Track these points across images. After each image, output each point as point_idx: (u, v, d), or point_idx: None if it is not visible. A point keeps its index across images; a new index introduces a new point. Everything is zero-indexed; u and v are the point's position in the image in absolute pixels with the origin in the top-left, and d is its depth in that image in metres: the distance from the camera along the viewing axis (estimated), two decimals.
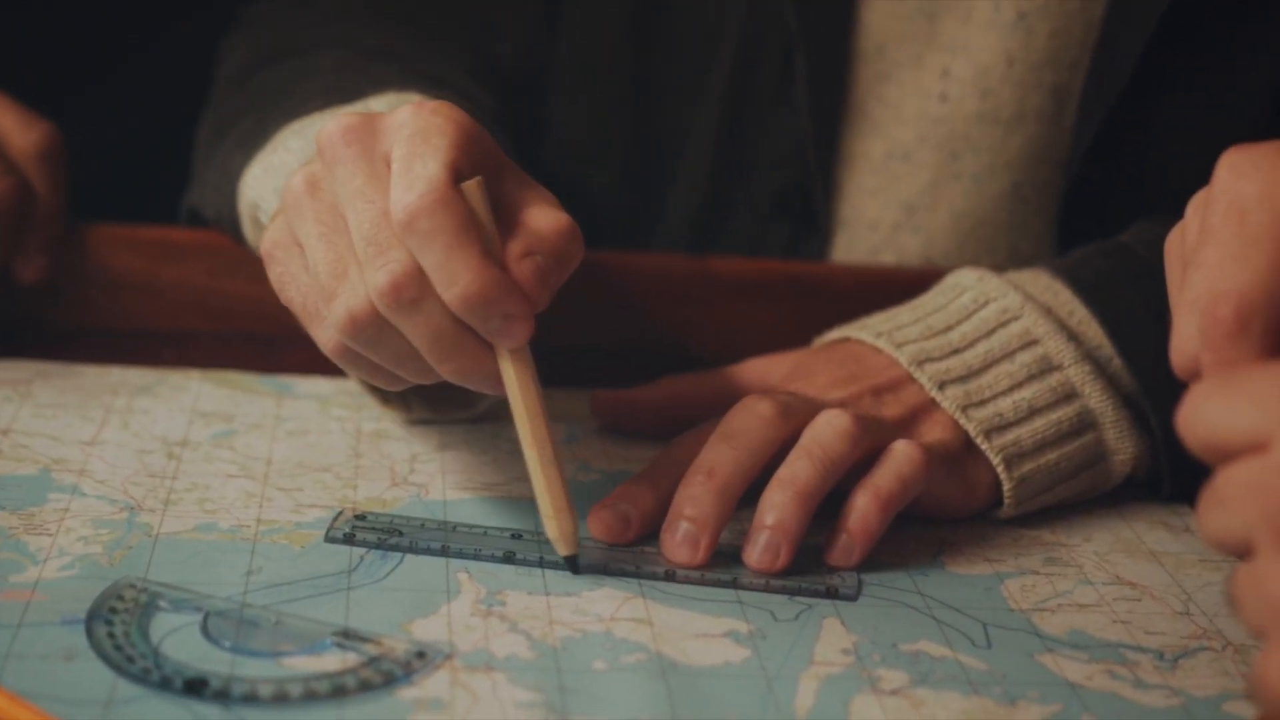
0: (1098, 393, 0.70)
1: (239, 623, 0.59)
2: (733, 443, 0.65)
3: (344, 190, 0.60)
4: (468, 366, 0.61)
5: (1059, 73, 0.84)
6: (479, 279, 0.59)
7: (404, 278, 0.59)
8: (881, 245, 0.88)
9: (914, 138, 0.86)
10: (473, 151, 0.60)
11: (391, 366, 0.62)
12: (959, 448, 0.69)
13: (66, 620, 0.58)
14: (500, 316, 0.60)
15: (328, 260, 0.61)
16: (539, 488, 0.63)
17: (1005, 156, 0.85)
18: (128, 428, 0.73)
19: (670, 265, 0.86)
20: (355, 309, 0.60)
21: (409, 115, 0.61)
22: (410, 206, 0.58)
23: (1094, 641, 0.61)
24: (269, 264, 0.64)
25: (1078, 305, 0.72)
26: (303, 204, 0.62)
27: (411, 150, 0.59)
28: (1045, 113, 0.84)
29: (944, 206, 0.86)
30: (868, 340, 0.72)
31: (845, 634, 0.61)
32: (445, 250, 0.58)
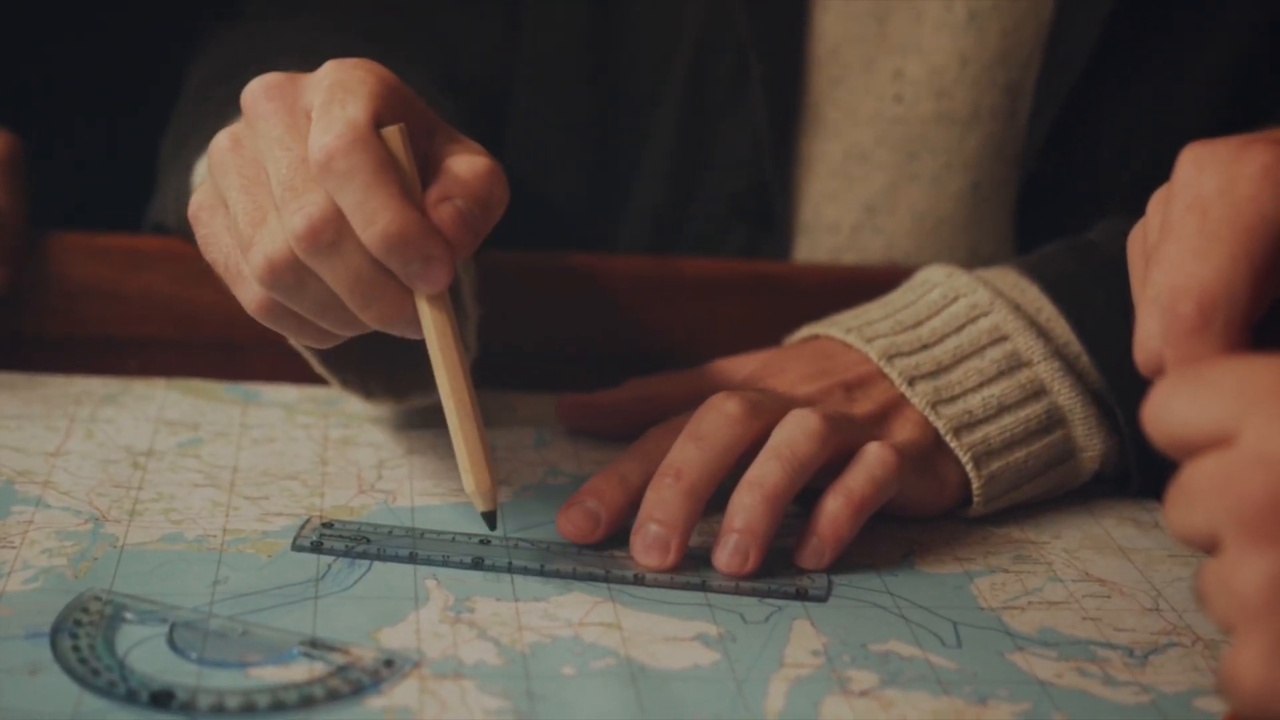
0: (1066, 389, 0.70)
1: (205, 634, 0.58)
2: (700, 443, 0.65)
3: (264, 140, 0.60)
4: (388, 312, 0.60)
5: (1011, 71, 0.84)
6: (398, 218, 0.58)
7: (321, 220, 0.58)
8: (843, 247, 0.88)
9: (871, 139, 0.86)
10: (394, 103, 0.60)
11: (314, 317, 0.61)
12: (929, 446, 0.69)
13: (30, 634, 0.57)
14: (420, 258, 0.59)
15: (247, 210, 0.60)
16: (456, 440, 0.62)
17: (963, 156, 0.86)
18: (92, 438, 0.72)
19: (637, 266, 0.86)
20: (273, 255, 0.59)
21: (330, 68, 0.61)
22: (328, 146, 0.58)
23: (1064, 639, 0.61)
24: (195, 226, 0.64)
25: (1045, 302, 0.72)
26: (226, 160, 0.61)
27: (331, 97, 0.59)
28: (1000, 111, 0.85)
29: (904, 207, 0.87)
30: (837, 336, 0.72)
31: (815, 635, 0.61)
32: (364, 189, 0.58)
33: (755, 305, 0.86)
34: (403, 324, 0.61)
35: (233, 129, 0.63)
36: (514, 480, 0.72)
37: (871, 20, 0.84)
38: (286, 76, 0.62)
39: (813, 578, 0.64)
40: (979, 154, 0.86)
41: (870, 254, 0.88)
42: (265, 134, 0.60)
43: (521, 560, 0.64)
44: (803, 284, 0.86)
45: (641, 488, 0.66)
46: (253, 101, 0.61)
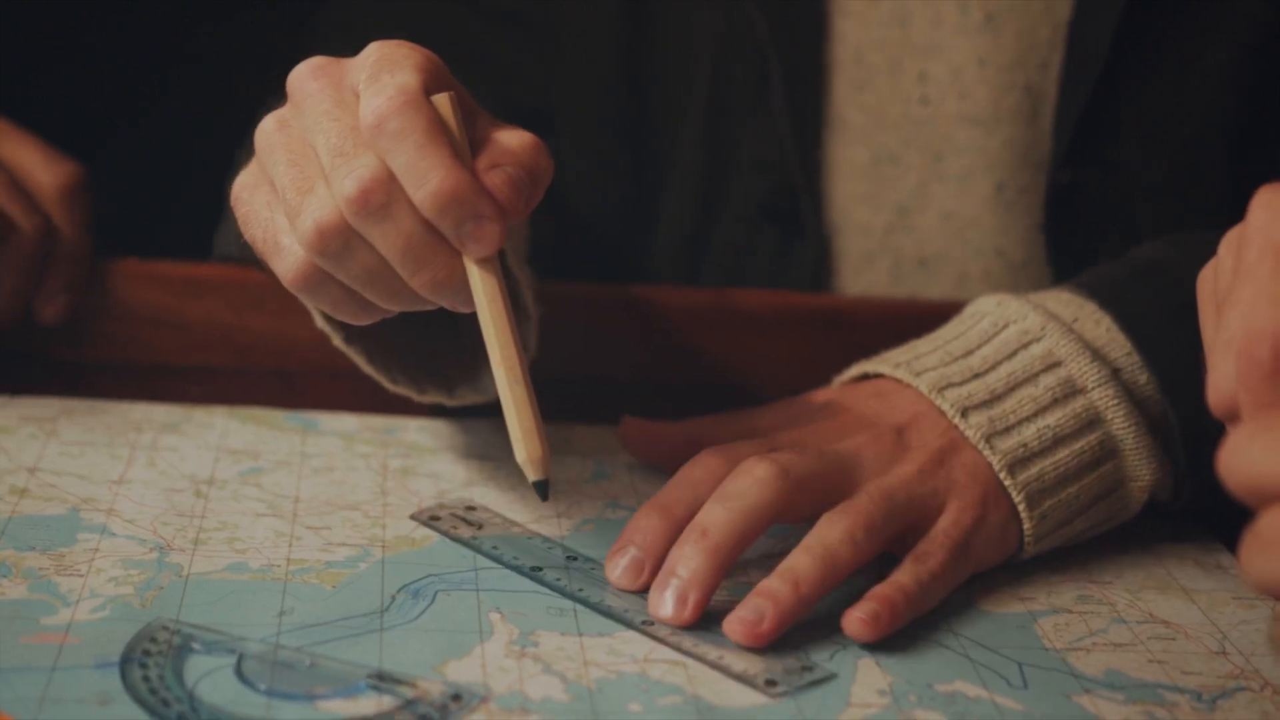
0: (1120, 418, 0.69)
1: (273, 665, 0.58)
2: (729, 504, 0.64)
3: (311, 116, 0.61)
4: (440, 275, 0.60)
5: (1030, 73, 0.85)
6: (450, 177, 0.59)
7: (373, 182, 0.58)
8: (876, 249, 0.89)
9: (899, 141, 0.87)
10: (439, 75, 0.61)
11: (360, 286, 0.61)
12: (985, 490, 0.67)
13: (100, 663, 0.57)
14: (472, 217, 0.59)
15: (294, 181, 0.60)
16: (507, 408, 0.61)
17: (986, 157, 0.87)
18: (155, 465, 0.73)
19: (692, 298, 0.86)
20: (323, 220, 0.59)
21: (375, 47, 0.62)
22: (379, 108, 0.58)
23: (1131, 682, 0.61)
24: (236, 207, 0.64)
25: (1102, 315, 0.71)
26: (273, 140, 0.62)
27: (379, 68, 0.60)
28: (1021, 113, 0.86)
29: (933, 207, 0.88)
30: (886, 372, 0.72)
31: (880, 675, 0.60)
32: (416, 149, 0.58)
33: (809, 337, 0.86)
34: (452, 291, 0.61)
35: (278, 112, 0.63)
36: (573, 514, 0.72)
37: (893, 24, 0.85)
38: (331, 59, 0.62)
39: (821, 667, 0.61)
40: (1002, 156, 0.86)
41: (904, 254, 0.89)
42: (312, 110, 0.61)
43: (578, 587, 0.64)
44: (858, 317, 0.86)
45: (685, 520, 0.65)
46: (299, 81, 0.62)
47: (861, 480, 0.67)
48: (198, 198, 0.87)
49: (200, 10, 1.01)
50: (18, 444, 0.73)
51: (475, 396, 0.74)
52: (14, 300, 0.78)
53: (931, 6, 0.85)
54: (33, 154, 0.78)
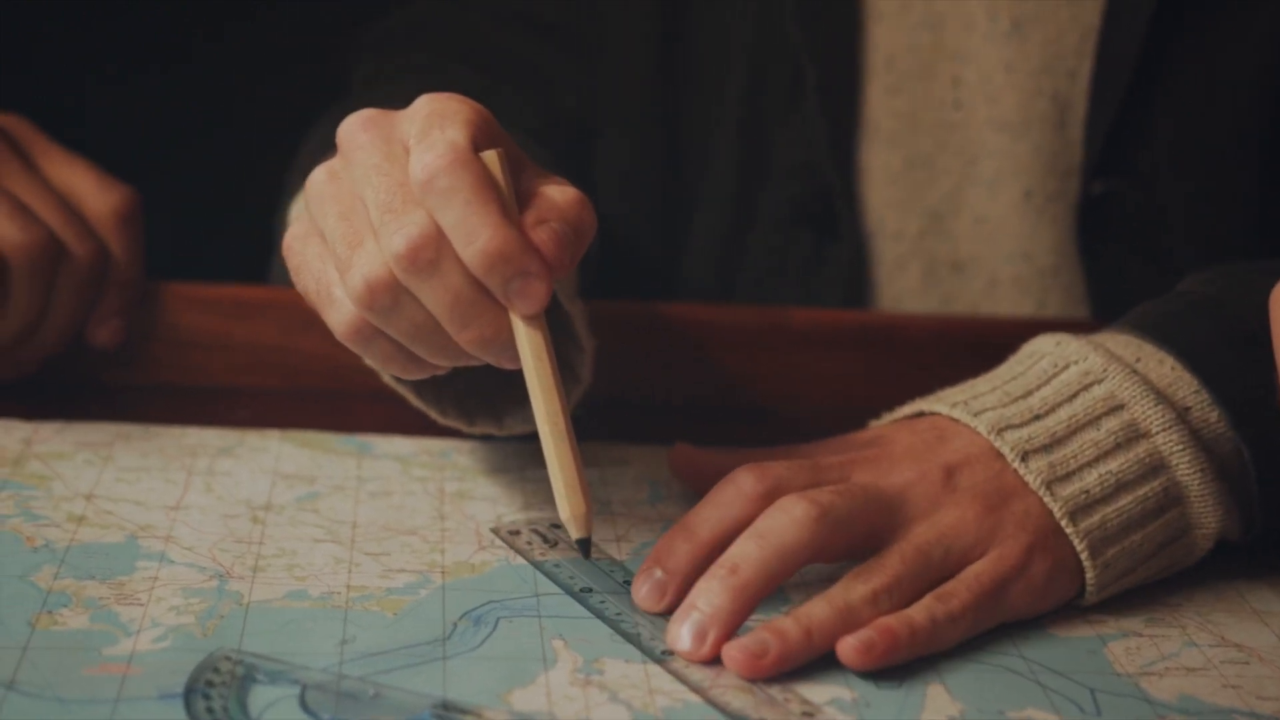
0: (1186, 463, 0.66)
1: (337, 695, 0.58)
2: (762, 542, 0.63)
3: (360, 170, 0.61)
4: (486, 333, 0.60)
5: (1057, 80, 0.85)
6: (498, 235, 0.59)
7: (421, 239, 0.59)
8: (908, 254, 0.88)
9: (932, 146, 0.87)
10: (488, 130, 0.61)
11: (408, 341, 0.61)
12: (1044, 538, 0.65)
13: (164, 695, 0.57)
14: (519, 275, 0.59)
15: (344, 235, 0.61)
16: (551, 464, 0.61)
17: (1015, 163, 0.86)
18: (211, 491, 0.72)
19: (744, 316, 0.86)
20: (371, 275, 0.60)
21: (425, 100, 0.62)
22: (430, 165, 0.59)
23: (1206, 708, 0.60)
24: (288, 256, 0.64)
25: (1164, 354, 0.68)
26: (323, 192, 0.62)
27: (429, 123, 0.60)
28: (1049, 120, 0.86)
29: (966, 212, 0.88)
30: (943, 412, 0.69)
31: (950, 701, 0.60)
32: (465, 207, 0.59)
33: (861, 355, 0.85)
34: (498, 348, 0.61)
35: (329, 163, 0.63)
36: (632, 536, 0.71)
37: (925, 29, 0.86)
38: (381, 111, 0.63)
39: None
40: (1029, 162, 0.86)
41: (935, 259, 0.89)
42: (362, 163, 0.61)
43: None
44: (910, 334, 0.86)
45: (710, 541, 0.64)
46: (349, 134, 0.62)
47: (905, 522, 0.65)
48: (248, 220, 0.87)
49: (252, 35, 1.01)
50: (74, 470, 0.73)
51: (524, 426, 0.74)
52: (69, 325, 0.78)
53: (963, 11, 0.85)
54: (86, 178, 0.78)
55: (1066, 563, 0.65)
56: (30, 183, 0.77)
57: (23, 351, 0.78)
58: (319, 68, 0.94)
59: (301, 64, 0.94)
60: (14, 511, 0.69)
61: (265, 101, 1.00)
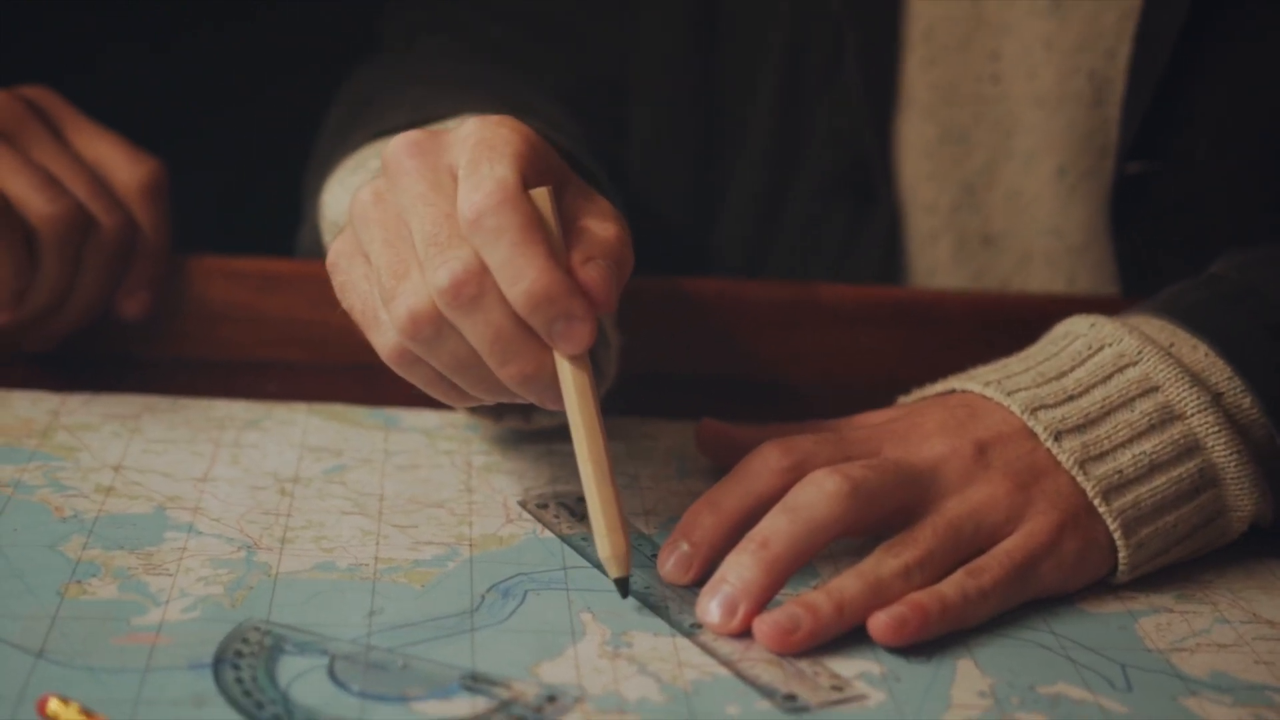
0: (1221, 446, 0.66)
1: (366, 666, 0.58)
2: (793, 516, 0.63)
3: (407, 197, 0.61)
4: (529, 369, 0.60)
5: (1095, 59, 0.84)
6: (545, 276, 0.59)
7: (465, 274, 0.59)
8: (941, 227, 0.88)
9: (969, 119, 0.87)
10: (537, 162, 0.61)
11: (450, 372, 0.61)
12: (1075, 515, 0.64)
13: (193, 665, 0.57)
14: (564, 316, 0.59)
15: (390, 263, 0.61)
16: (592, 504, 0.62)
17: (1049, 139, 0.86)
18: (238, 463, 0.72)
19: (774, 291, 0.85)
20: (415, 308, 0.60)
21: (474, 127, 0.61)
22: (478, 204, 0.58)
23: (1238, 684, 0.60)
24: (332, 273, 0.64)
25: (1197, 341, 0.68)
26: (369, 214, 0.62)
27: (478, 156, 0.60)
28: (1084, 98, 0.85)
29: (1000, 186, 0.87)
30: (976, 390, 0.68)
31: (981, 676, 0.59)
32: (512, 247, 0.58)
33: (893, 331, 0.85)
34: (540, 386, 0.61)
35: (375, 184, 0.63)
36: (660, 510, 0.71)
37: (965, 2, 0.85)
38: (428, 133, 0.62)
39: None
40: (1064, 139, 0.86)
41: (967, 232, 0.88)
42: (408, 190, 0.61)
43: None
44: (942, 310, 0.85)
45: (736, 514, 0.64)
46: (395, 158, 0.62)
47: (936, 497, 0.65)
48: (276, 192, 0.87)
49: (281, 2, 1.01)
50: (102, 442, 0.73)
51: (552, 421, 0.74)
52: (96, 297, 0.78)
53: None
54: (114, 150, 0.78)
55: (1098, 541, 0.65)
56: (59, 155, 0.77)
57: (51, 323, 0.78)
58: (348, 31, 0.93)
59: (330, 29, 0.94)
60: (42, 482, 0.69)
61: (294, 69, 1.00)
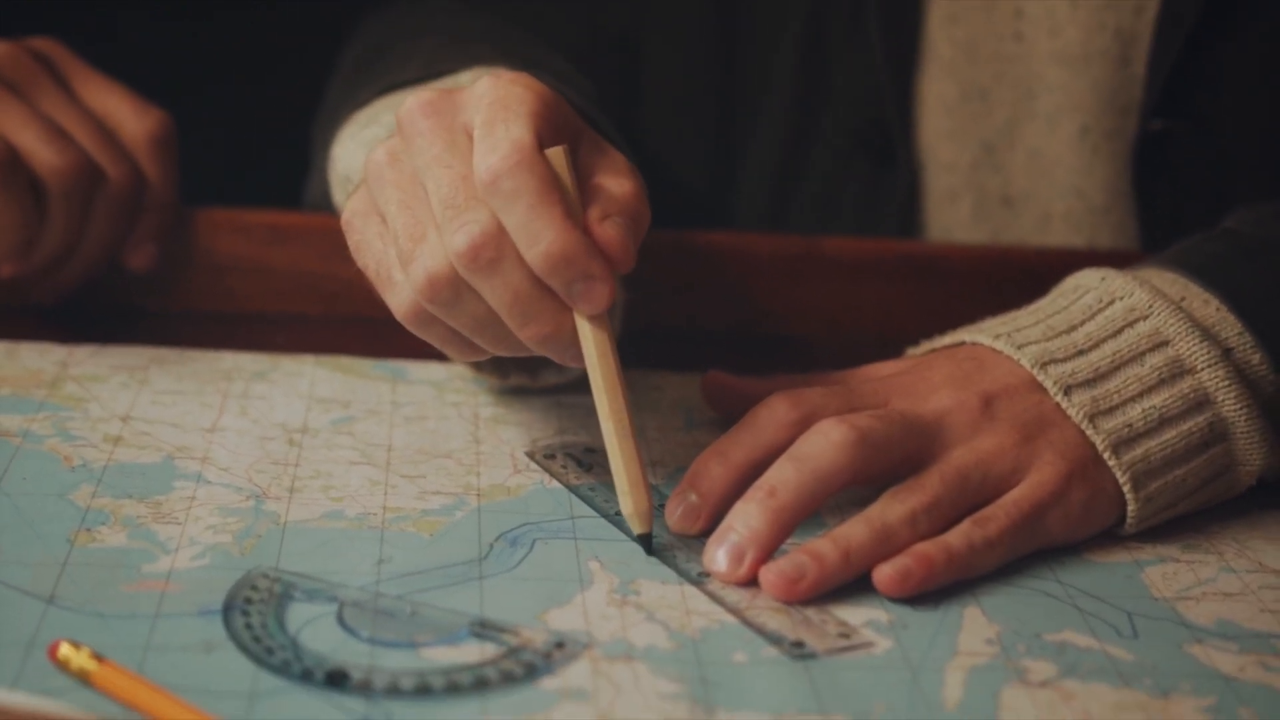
0: (1231, 400, 0.66)
1: (375, 613, 0.58)
2: (800, 465, 0.62)
3: (423, 159, 0.60)
4: (548, 329, 0.60)
5: (1121, 16, 0.84)
6: (563, 237, 0.58)
7: (483, 238, 0.59)
8: (960, 186, 0.88)
9: (990, 77, 0.86)
10: (553, 120, 0.60)
11: (469, 332, 0.62)
12: (1083, 466, 0.64)
13: (203, 611, 0.57)
14: (583, 277, 0.59)
15: (406, 225, 0.61)
16: (615, 462, 0.62)
17: (1074, 98, 0.85)
18: (246, 414, 0.73)
19: (781, 245, 0.85)
20: (434, 270, 0.60)
21: (488, 85, 0.61)
22: (494, 167, 0.58)
23: (1244, 632, 0.60)
24: (347, 232, 0.64)
25: (1209, 295, 0.68)
26: (384, 174, 0.62)
27: (493, 116, 0.60)
28: (1110, 56, 0.84)
29: (1021, 145, 0.87)
30: (985, 343, 0.68)
31: (987, 624, 0.60)
32: (529, 209, 0.58)
33: (901, 285, 0.85)
34: (560, 345, 0.61)
35: (389, 144, 0.63)
36: (668, 461, 0.71)
37: None
38: (441, 93, 0.62)
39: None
40: (1089, 98, 0.85)
41: (987, 192, 0.88)
42: (424, 151, 0.61)
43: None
44: (950, 264, 0.85)
45: (744, 465, 0.64)
46: (410, 119, 0.61)
47: (943, 448, 0.65)
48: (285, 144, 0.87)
49: None
50: (110, 393, 0.73)
51: (559, 378, 0.74)
52: (104, 249, 0.78)
53: None
54: (121, 102, 0.78)
55: (1105, 491, 0.65)
56: (66, 106, 0.77)
57: (59, 275, 0.78)
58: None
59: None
60: (51, 432, 0.69)
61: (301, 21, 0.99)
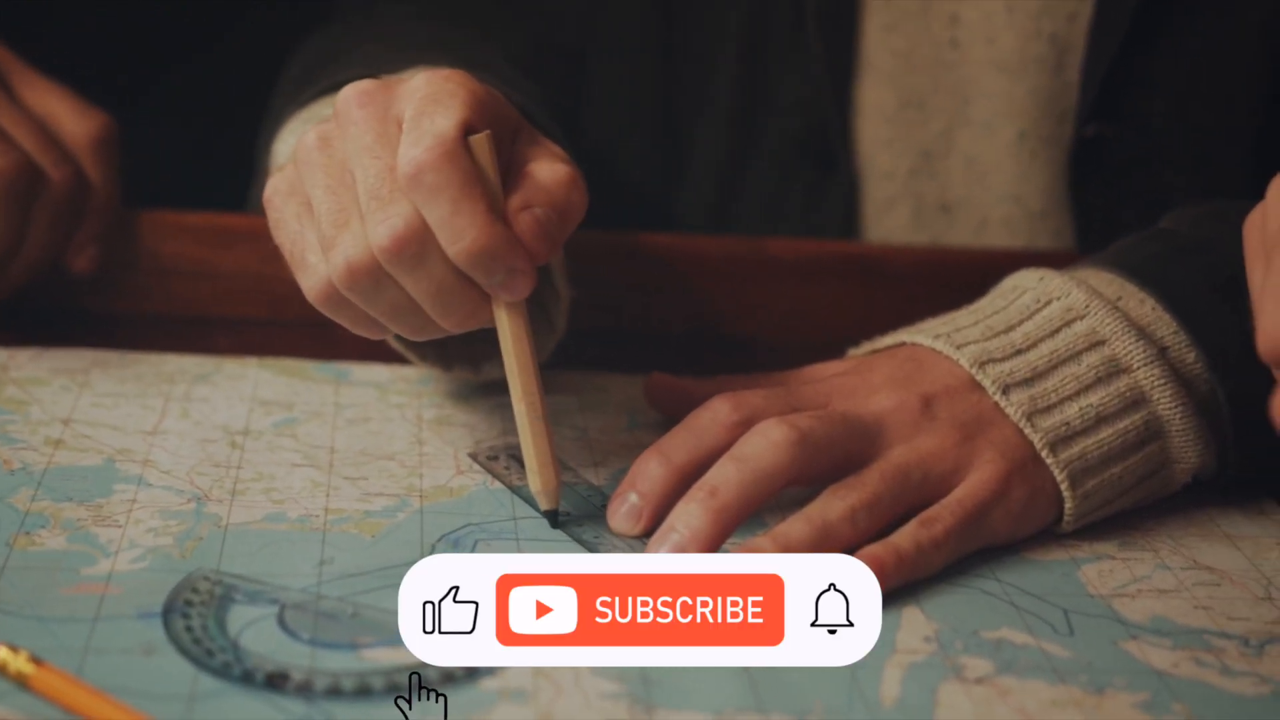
0: (1167, 398, 0.66)
1: (316, 614, 0.58)
2: (741, 465, 0.63)
3: (353, 147, 0.61)
4: (466, 320, 0.62)
5: (1057, 22, 0.85)
6: (484, 234, 0.59)
7: (406, 232, 0.59)
8: (899, 193, 0.89)
9: (927, 85, 0.87)
10: (485, 114, 0.61)
11: (385, 319, 0.62)
12: (1021, 465, 0.65)
13: (142, 614, 0.57)
14: (504, 270, 0.60)
15: (330, 211, 0.61)
16: (525, 441, 0.63)
17: (1011, 104, 0.86)
18: (188, 416, 0.72)
19: (727, 247, 0.86)
20: (354, 259, 0.60)
21: (423, 80, 0.61)
22: (417, 160, 0.59)
23: (1177, 628, 0.60)
24: (268, 210, 0.64)
25: (1145, 295, 0.68)
26: (313, 158, 0.62)
27: (422, 109, 0.60)
28: (1047, 62, 0.85)
29: (957, 152, 0.87)
30: (925, 343, 0.69)
31: (925, 621, 0.60)
32: (451, 204, 0.59)
33: (847, 286, 0.85)
34: (477, 328, 0.62)
35: (322, 128, 0.63)
36: (611, 462, 0.71)
37: None
38: (380, 83, 0.62)
39: None
40: (1025, 104, 0.86)
41: (924, 199, 0.88)
42: (355, 139, 0.61)
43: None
44: (895, 265, 0.86)
45: (685, 466, 0.64)
46: (345, 107, 0.62)
47: (883, 448, 0.65)
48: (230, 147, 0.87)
49: None
50: (51, 396, 0.73)
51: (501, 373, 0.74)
52: (45, 251, 0.78)
53: None
54: (63, 104, 0.78)
55: (1044, 490, 0.66)
56: (6, 108, 0.76)
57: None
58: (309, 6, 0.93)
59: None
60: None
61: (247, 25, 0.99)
